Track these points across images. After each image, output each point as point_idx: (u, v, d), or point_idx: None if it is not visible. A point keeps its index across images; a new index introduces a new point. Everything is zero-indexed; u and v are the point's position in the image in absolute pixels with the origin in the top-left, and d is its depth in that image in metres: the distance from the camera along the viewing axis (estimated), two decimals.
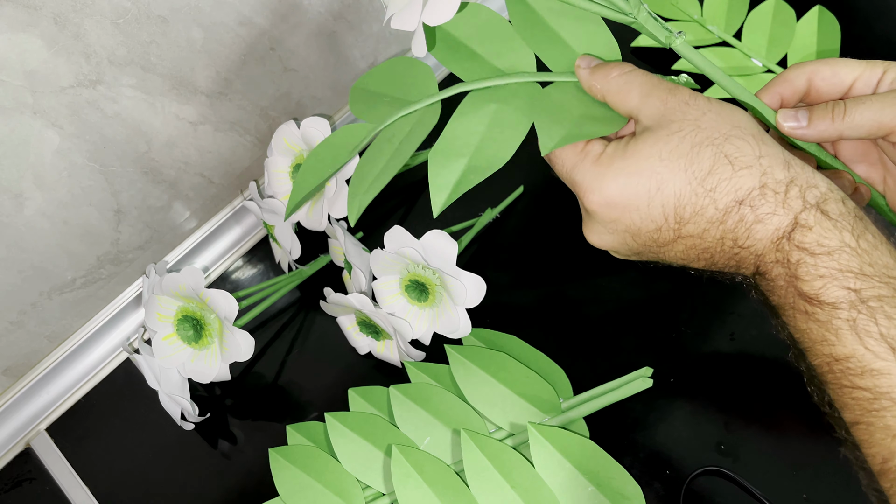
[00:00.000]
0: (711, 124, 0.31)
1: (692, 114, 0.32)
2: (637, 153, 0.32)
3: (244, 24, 0.59)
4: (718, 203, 0.31)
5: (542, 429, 0.49)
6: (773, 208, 0.30)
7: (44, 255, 0.59)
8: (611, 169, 0.33)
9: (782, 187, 0.30)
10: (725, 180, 0.30)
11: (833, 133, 0.34)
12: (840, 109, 0.34)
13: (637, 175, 0.32)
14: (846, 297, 0.29)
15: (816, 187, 0.30)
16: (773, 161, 0.30)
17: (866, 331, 0.28)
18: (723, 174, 0.31)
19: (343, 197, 0.57)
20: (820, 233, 0.29)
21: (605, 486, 0.47)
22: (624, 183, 0.32)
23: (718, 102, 0.33)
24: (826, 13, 0.64)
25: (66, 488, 0.61)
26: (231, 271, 0.70)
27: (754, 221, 0.30)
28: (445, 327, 0.55)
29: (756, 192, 0.30)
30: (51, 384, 0.66)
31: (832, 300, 0.29)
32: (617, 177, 0.33)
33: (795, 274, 0.30)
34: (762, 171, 0.30)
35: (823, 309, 0.29)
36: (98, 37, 0.51)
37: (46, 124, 0.53)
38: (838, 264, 0.29)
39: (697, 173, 0.31)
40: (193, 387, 0.59)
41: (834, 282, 0.29)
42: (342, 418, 0.54)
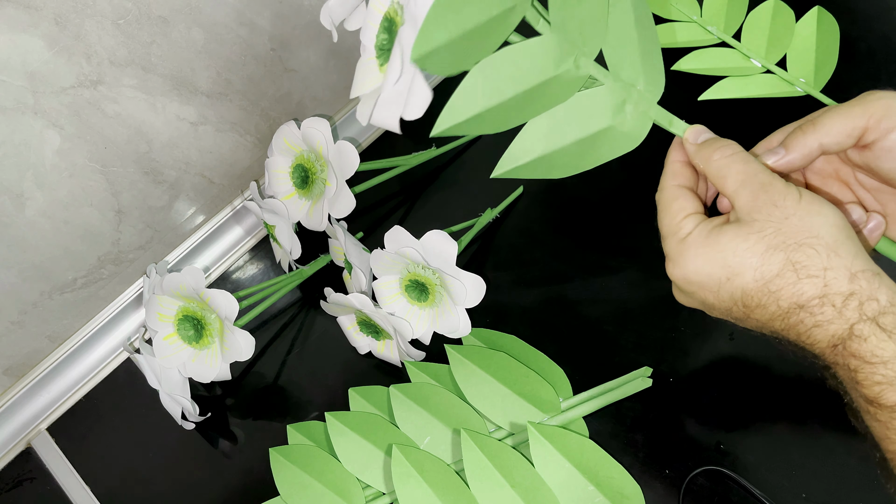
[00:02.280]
0: (791, 229, 0.34)
1: (776, 215, 0.34)
2: (716, 243, 0.35)
3: (245, 25, 0.59)
4: (781, 303, 0.34)
5: (542, 428, 0.49)
6: (830, 317, 0.33)
7: (45, 255, 0.59)
8: (691, 250, 0.36)
9: (841, 299, 0.32)
10: (790, 285, 0.33)
11: (812, 146, 0.36)
12: (809, 122, 0.36)
13: (711, 264, 0.35)
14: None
15: (877, 300, 0.32)
16: (838, 273, 0.33)
17: None
18: (788, 279, 0.33)
19: (344, 197, 0.58)
20: (875, 343, 0.32)
21: (604, 486, 0.48)
22: (700, 265, 0.36)
23: (806, 204, 0.34)
24: (825, 14, 0.64)
25: (66, 488, 0.61)
26: (231, 271, 0.70)
27: (813, 325, 0.33)
28: (445, 327, 0.55)
29: (816, 301, 0.33)
30: (52, 384, 0.66)
31: (890, 403, 0.31)
32: (695, 259, 0.36)
33: (855, 378, 0.32)
34: (825, 283, 0.33)
35: (883, 410, 0.32)
36: (99, 37, 0.52)
37: (47, 125, 0.53)
38: (893, 372, 0.31)
39: (766, 274, 0.34)
40: (194, 386, 0.59)
41: (891, 387, 0.31)
42: (342, 418, 0.54)
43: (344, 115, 0.73)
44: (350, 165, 0.56)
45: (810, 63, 0.62)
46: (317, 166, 0.60)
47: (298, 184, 0.61)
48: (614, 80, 0.39)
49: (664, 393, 0.53)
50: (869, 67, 0.65)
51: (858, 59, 0.65)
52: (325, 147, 0.58)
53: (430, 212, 0.68)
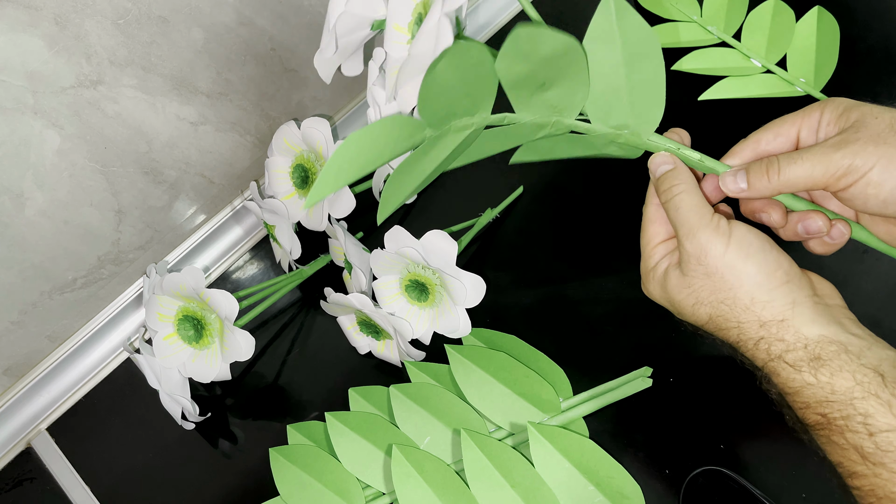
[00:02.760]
0: (711, 287, 0.39)
1: (700, 272, 0.39)
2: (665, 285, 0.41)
3: (245, 25, 0.59)
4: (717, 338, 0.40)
5: (542, 428, 0.49)
6: (752, 355, 0.38)
7: (45, 255, 0.59)
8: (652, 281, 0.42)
9: (751, 344, 0.38)
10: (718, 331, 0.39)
11: (772, 190, 0.38)
12: (774, 168, 0.38)
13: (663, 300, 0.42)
14: (820, 421, 0.36)
15: (782, 340, 0.37)
16: (749, 326, 0.38)
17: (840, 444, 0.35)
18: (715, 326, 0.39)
19: (344, 198, 0.58)
20: (785, 377, 0.37)
21: (604, 486, 0.48)
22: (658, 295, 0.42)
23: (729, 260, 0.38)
24: (825, 14, 0.64)
25: (66, 488, 0.61)
26: (231, 271, 0.70)
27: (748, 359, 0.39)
28: (445, 327, 0.55)
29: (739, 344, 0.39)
30: (52, 384, 0.66)
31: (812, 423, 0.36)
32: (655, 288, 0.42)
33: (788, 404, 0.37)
34: (738, 332, 0.38)
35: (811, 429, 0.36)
36: (99, 37, 0.52)
37: (47, 124, 0.53)
38: (805, 398, 0.36)
39: (699, 321, 0.40)
40: (194, 386, 0.59)
41: (809, 410, 0.36)
42: (342, 418, 0.54)
43: (344, 115, 0.73)
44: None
45: (810, 63, 0.62)
46: (317, 166, 0.60)
47: (298, 184, 0.61)
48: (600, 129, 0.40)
49: (664, 393, 0.53)
50: (869, 67, 0.65)
51: (858, 58, 0.65)
52: (325, 147, 0.58)
53: (430, 212, 0.68)
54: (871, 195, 0.35)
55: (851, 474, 0.35)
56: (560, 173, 0.66)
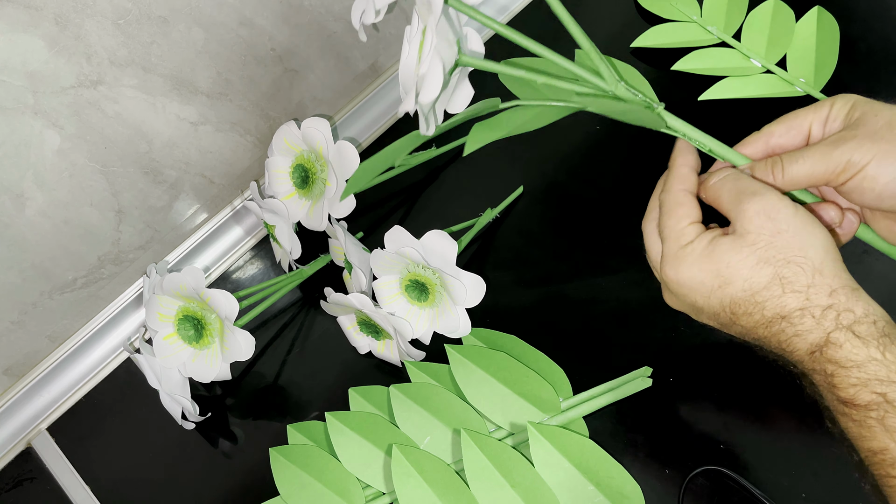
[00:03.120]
0: (782, 244, 0.37)
1: (769, 228, 0.37)
2: (712, 254, 0.38)
3: (245, 25, 0.59)
4: (766, 312, 0.37)
5: (542, 428, 0.49)
6: (809, 327, 0.36)
7: (45, 255, 0.59)
8: (689, 257, 0.39)
9: (820, 311, 0.36)
10: (775, 297, 0.36)
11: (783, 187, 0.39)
12: (778, 167, 0.39)
13: (706, 272, 0.38)
14: (875, 400, 0.34)
15: (852, 312, 0.35)
16: (819, 290, 0.36)
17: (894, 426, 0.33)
18: (774, 292, 0.36)
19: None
20: (849, 349, 0.35)
21: (604, 486, 0.48)
22: (695, 273, 0.38)
23: (800, 221, 0.37)
24: (825, 14, 0.64)
25: (66, 488, 0.61)
26: (232, 271, 0.70)
27: (793, 335, 0.36)
28: (445, 327, 0.55)
29: (797, 313, 0.36)
30: (52, 384, 0.66)
31: (864, 403, 0.34)
32: (692, 266, 0.39)
33: (832, 382, 0.35)
34: (806, 297, 0.36)
35: (858, 410, 0.34)
36: (99, 37, 0.52)
37: (47, 124, 0.53)
38: (867, 374, 0.34)
39: (754, 286, 0.37)
40: (194, 386, 0.59)
41: (864, 388, 0.34)
42: (342, 418, 0.54)
43: (344, 115, 0.73)
44: (350, 165, 0.56)
45: (810, 63, 0.62)
46: (317, 166, 0.60)
47: (298, 184, 0.61)
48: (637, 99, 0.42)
49: (664, 393, 0.53)
50: (869, 67, 0.65)
51: (858, 59, 0.65)
52: (325, 147, 0.58)
53: (430, 212, 0.68)
54: (867, 189, 0.37)
55: None
56: (560, 173, 0.66)
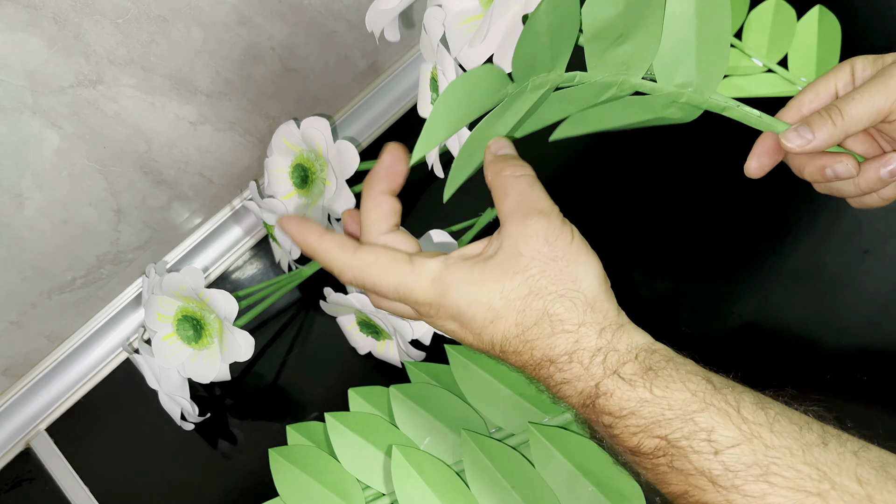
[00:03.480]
0: (554, 275, 0.33)
1: (544, 254, 0.34)
2: (482, 280, 0.34)
3: (244, 24, 0.59)
4: (535, 353, 0.33)
5: (543, 429, 0.49)
6: (578, 374, 0.32)
7: (43, 255, 0.59)
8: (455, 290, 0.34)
9: (588, 356, 0.32)
10: (544, 337, 0.33)
11: (839, 135, 0.36)
12: (836, 112, 0.37)
13: (477, 304, 0.33)
14: (659, 445, 0.31)
15: (617, 351, 0.32)
16: (589, 330, 0.33)
17: (686, 470, 0.30)
18: (543, 331, 0.33)
19: (343, 197, 0.57)
20: (620, 396, 0.32)
21: (605, 486, 0.47)
22: (465, 304, 0.34)
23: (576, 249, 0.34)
24: (826, 13, 0.64)
25: (65, 488, 0.61)
26: (231, 271, 0.70)
27: (562, 381, 0.33)
28: None
29: (565, 357, 0.32)
30: (51, 384, 0.66)
31: (649, 450, 0.31)
32: (459, 298, 0.34)
33: (612, 434, 0.32)
34: (576, 339, 0.33)
35: (646, 458, 0.31)
36: (98, 36, 0.51)
37: (46, 124, 0.53)
38: (643, 419, 0.31)
39: (525, 323, 0.33)
40: (193, 387, 0.59)
41: (646, 434, 0.31)
42: (342, 418, 0.54)
43: (344, 114, 0.73)
44: (350, 165, 0.56)
45: (812, 62, 0.62)
46: (316, 166, 0.59)
47: (298, 183, 0.61)
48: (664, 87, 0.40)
49: None
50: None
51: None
52: (325, 146, 0.57)
53: (430, 212, 0.68)
54: None
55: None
56: (559, 173, 0.66)
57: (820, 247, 0.51)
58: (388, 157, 0.38)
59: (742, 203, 0.60)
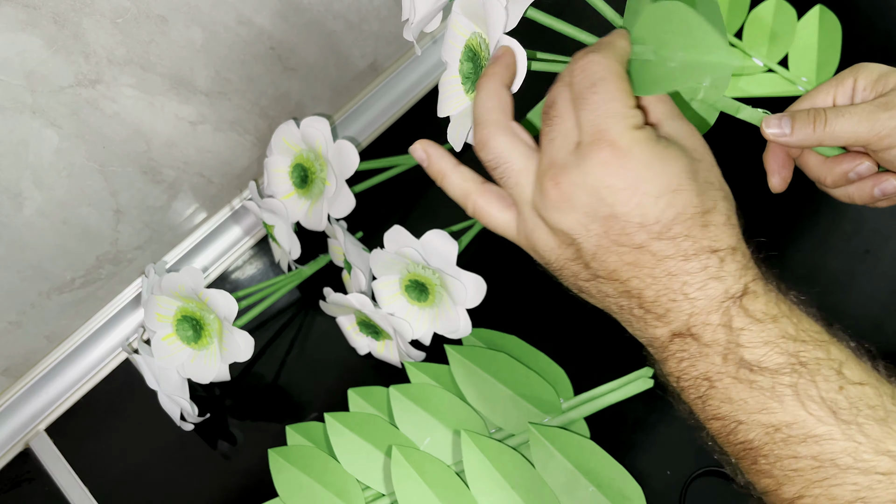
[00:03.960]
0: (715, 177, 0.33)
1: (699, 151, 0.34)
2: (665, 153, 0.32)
3: (244, 24, 0.59)
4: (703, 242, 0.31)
5: (543, 429, 0.49)
6: (734, 270, 0.31)
7: (43, 254, 0.59)
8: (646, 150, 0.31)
9: (746, 258, 0.32)
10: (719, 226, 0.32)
11: (813, 141, 0.37)
12: (821, 119, 0.37)
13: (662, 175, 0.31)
14: (787, 363, 0.30)
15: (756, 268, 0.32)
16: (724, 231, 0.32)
17: (808, 395, 0.29)
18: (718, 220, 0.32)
19: (343, 197, 0.57)
20: (766, 301, 0.31)
21: (605, 487, 0.47)
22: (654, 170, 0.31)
23: None
24: (827, 12, 0.63)
25: (65, 489, 0.61)
26: (230, 271, 0.70)
27: (713, 277, 0.31)
28: (445, 327, 0.55)
29: (729, 252, 0.31)
30: (50, 384, 0.65)
31: (775, 366, 0.30)
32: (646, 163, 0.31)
33: (738, 341, 0.30)
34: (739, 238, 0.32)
35: (765, 376, 0.30)
36: (97, 36, 0.51)
37: (45, 124, 0.53)
38: (780, 331, 0.30)
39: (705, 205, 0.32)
40: (193, 387, 0.59)
41: (776, 348, 0.30)
42: (342, 419, 0.54)
43: (343, 114, 0.73)
44: (350, 165, 0.56)
45: (812, 62, 0.62)
46: (316, 166, 0.59)
47: (298, 183, 0.61)
48: None
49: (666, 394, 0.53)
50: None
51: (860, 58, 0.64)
52: (325, 146, 0.57)
53: (430, 212, 0.67)
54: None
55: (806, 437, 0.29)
56: None
57: (820, 247, 0.51)
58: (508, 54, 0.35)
59: (742, 203, 0.60)
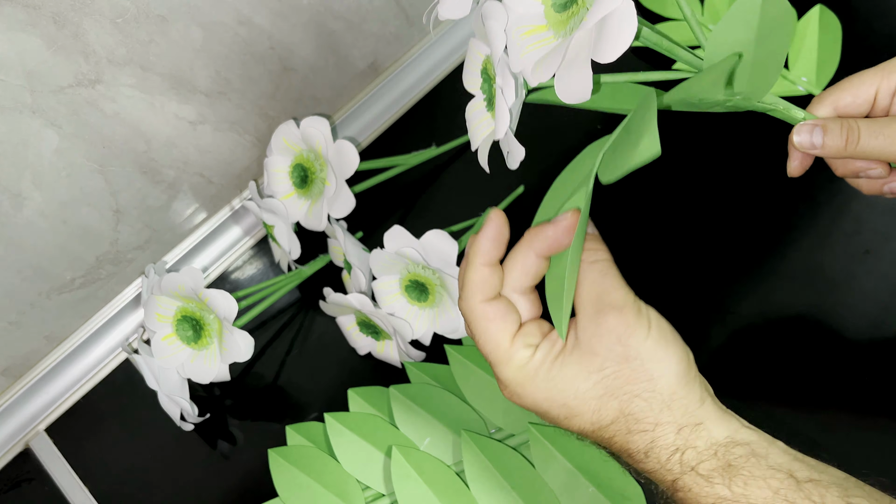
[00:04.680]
0: (628, 375, 0.34)
1: (617, 353, 0.34)
2: (557, 378, 0.35)
3: (243, 24, 0.59)
4: (613, 447, 0.35)
5: (543, 429, 0.49)
6: (654, 468, 0.33)
7: (42, 255, 0.59)
8: (530, 384, 0.35)
9: (666, 454, 0.33)
10: (621, 434, 0.34)
11: (841, 154, 0.36)
12: (854, 135, 0.36)
13: (551, 401, 0.35)
14: None
15: (695, 448, 0.33)
16: (665, 429, 0.33)
17: None
18: (619, 429, 0.34)
19: (343, 197, 0.57)
20: (698, 492, 0.32)
21: (605, 487, 0.47)
22: (541, 400, 0.35)
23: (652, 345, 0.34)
24: (827, 12, 0.63)
25: (65, 489, 0.61)
26: (230, 271, 0.70)
27: (644, 471, 0.34)
28: (445, 327, 0.55)
29: (642, 455, 0.33)
30: (50, 384, 0.65)
31: None
32: (535, 393, 0.35)
33: None
34: (652, 438, 0.33)
35: None
36: (97, 36, 0.51)
37: (45, 124, 0.53)
38: None
39: (602, 420, 0.34)
40: (193, 387, 0.59)
41: None
42: (342, 419, 0.54)
43: (343, 114, 0.73)
44: (350, 165, 0.56)
45: (812, 62, 0.62)
46: (316, 166, 0.59)
47: (298, 183, 0.61)
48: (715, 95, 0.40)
49: None
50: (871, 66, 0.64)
51: (861, 58, 0.65)
52: (325, 146, 0.57)
53: (430, 212, 0.68)
54: None
55: None
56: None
57: (820, 247, 0.50)
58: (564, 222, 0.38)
59: (742, 203, 0.60)
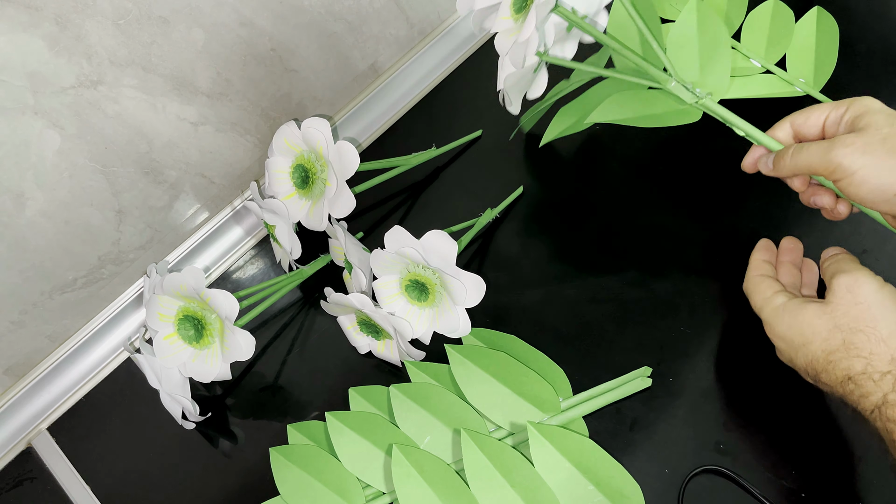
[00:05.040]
0: (855, 314, 0.44)
1: (847, 300, 0.44)
2: (798, 316, 0.46)
3: (245, 25, 0.59)
4: (837, 372, 0.44)
5: (542, 428, 0.49)
6: (870, 389, 0.42)
7: (45, 255, 0.59)
8: (780, 319, 0.47)
9: (879, 375, 0.42)
10: (843, 359, 0.44)
11: (789, 171, 0.47)
12: (789, 153, 0.47)
13: (793, 330, 0.46)
14: None
15: None
16: (880, 358, 0.43)
17: None
18: (842, 355, 0.44)
19: (344, 197, 0.58)
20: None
21: (604, 485, 0.48)
22: (785, 330, 0.47)
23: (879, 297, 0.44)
24: (824, 14, 0.64)
25: (67, 487, 0.61)
26: (232, 271, 0.70)
27: (860, 396, 0.43)
28: (445, 327, 0.55)
29: (861, 376, 0.43)
30: (52, 384, 0.66)
31: None
32: (781, 324, 0.47)
33: (892, 438, 0.41)
34: (869, 362, 0.43)
35: None
36: (99, 37, 0.52)
37: (48, 125, 0.53)
38: None
39: (829, 347, 0.44)
40: (194, 386, 0.59)
41: None
42: (343, 417, 0.54)
43: (344, 115, 0.73)
44: (350, 165, 0.56)
45: (810, 63, 0.62)
46: (317, 166, 0.60)
47: (299, 184, 0.61)
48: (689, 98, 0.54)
49: (664, 393, 0.53)
50: (868, 67, 0.65)
51: (857, 59, 0.65)
52: (326, 147, 0.58)
53: (430, 212, 0.68)
54: (852, 192, 0.43)
55: None
56: (559, 173, 0.67)
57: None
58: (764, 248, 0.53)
59: (742, 203, 0.60)
